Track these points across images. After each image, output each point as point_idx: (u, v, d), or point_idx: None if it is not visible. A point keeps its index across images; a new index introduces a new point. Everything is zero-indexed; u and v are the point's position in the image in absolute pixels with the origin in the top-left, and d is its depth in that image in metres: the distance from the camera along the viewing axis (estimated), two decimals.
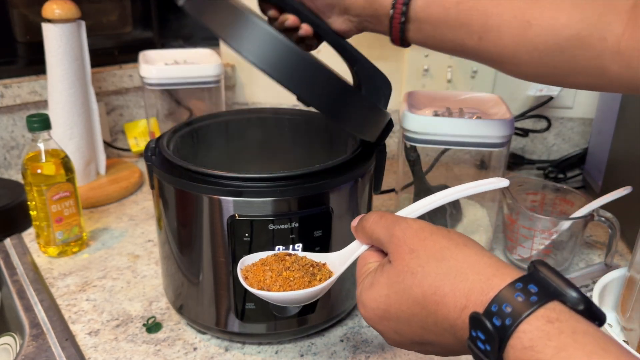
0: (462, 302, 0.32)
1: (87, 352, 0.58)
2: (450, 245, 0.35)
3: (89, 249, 0.78)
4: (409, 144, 0.68)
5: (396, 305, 0.36)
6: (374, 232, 0.40)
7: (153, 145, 0.60)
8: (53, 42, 0.85)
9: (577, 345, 0.27)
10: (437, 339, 0.35)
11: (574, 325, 0.28)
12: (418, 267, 0.35)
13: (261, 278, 0.42)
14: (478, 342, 0.30)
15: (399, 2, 0.50)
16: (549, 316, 0.28)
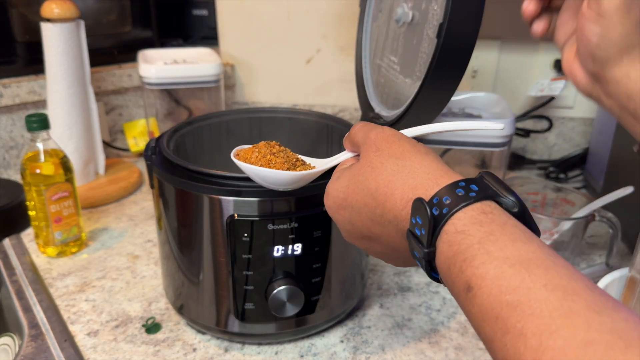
0: (408, 195, 0.35)
1: (86, 353, 0.58)
2: (412, 150, 0.38)
3: (88, 249, 0.78)
4: None
5: (352, 195, 0.39)
6: (355, 136, 0.43)
7: (153, 144, 0.60)
8: (52, 41, 0.85)
9: (504, 232, 0.29)
10: (382, 231, 0.38)
11: (505, 219, 0.30)
12: (378, 162, 0.38)
13: (248, 156, 0.46)
14: (415, 229, 0.33)
15: None
16: (483, 209, 0.31)
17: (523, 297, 0.26)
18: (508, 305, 0.27)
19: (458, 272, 0.30)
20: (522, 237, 0.29)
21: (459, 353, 0.58)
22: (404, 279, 0.71)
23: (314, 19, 1.09)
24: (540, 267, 0.27)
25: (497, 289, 0.27)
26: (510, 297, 0.27)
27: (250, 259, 0.53)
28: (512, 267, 0.28)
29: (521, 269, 0.27)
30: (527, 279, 0.27)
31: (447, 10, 0.49)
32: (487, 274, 0.28)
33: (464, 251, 0.30)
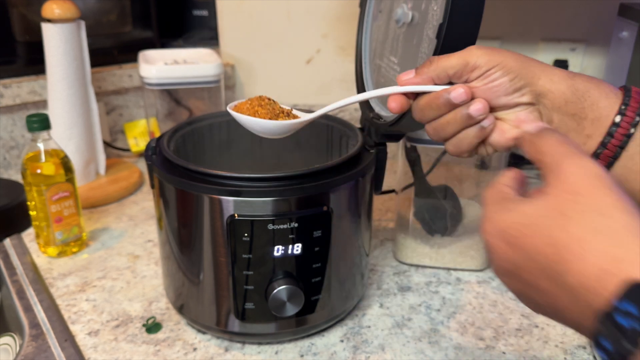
0: (607, 266, 0.28)
1: (87, 353, 0.58)
2: (619, 205, 0.30)
3: (89, 249, 0.78)
4: (409, 144, 0.68)
5: (528, 237, 0.32)
6: (542, 149, 0.37)
7: (153, 144, 0.60)
8: (53, 41, 0.85)
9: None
10: (553, 290, 0.31)
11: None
12: (572, 211, 0.31)
13: (241, 109, 0.52)
14: (619, 317, 0.26)
15: (631, 109, 0.35)
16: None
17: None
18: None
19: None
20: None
21: (458, 353, 0.58)
22: (404, 279, 0.71)
23: (314, 19, 1.09)
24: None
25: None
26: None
27: (251, 258, 0.53)
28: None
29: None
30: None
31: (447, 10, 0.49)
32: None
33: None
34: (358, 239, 0.60)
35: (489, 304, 0.66)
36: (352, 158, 0.57)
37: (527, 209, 0.33)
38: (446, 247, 0.73)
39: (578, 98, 0.40)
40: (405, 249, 0.74)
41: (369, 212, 0.61)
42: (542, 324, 0.63)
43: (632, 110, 0.37)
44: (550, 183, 0.34)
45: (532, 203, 0.33)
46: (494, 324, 0.63)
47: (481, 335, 0.61)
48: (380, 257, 0.76)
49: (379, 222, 0.87)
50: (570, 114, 0.41)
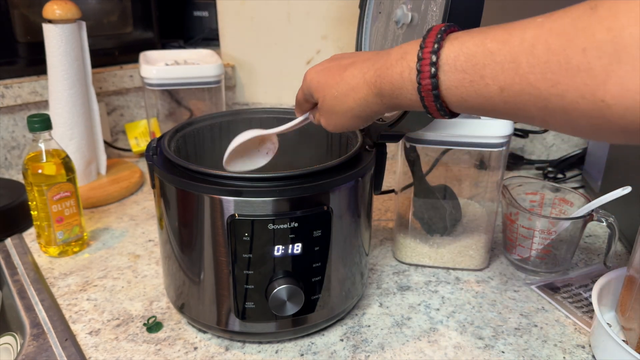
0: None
1: (88, 352, 0.58)
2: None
3: (90, 249, 0.78)
4: (409, 144, 0.69)
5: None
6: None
7: (154, 144, 0.61)
8: (54, 42, 0.86)
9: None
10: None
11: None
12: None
13: None
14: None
15: (428, 101, 0.40)
16: None
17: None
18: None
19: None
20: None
21: (457, 352, 0.58)
22: (403, 278, 0.72)
23: (314, 20, 1.09)
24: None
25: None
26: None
27: (251, 258, 0.53)
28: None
29: None
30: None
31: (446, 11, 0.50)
32: None
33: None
34: (358, 238, 0.60)
35: (488, 303, 0.67)
36: (351, 158, 0.57)
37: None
38: (445, 246, 0.73)
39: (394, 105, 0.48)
40: (404, 248, 0.74)
41: (368, 211, 0.62)
42: (542, 323, 0.63)
43: (427, 51, 0.40)
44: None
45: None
46: (493, 323, 0.63)
47: (480, 334, 0.61)
48: (380, 257, 0.77)
49: (379, 222, 0.87)
50: None
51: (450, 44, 0.38)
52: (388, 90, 0.43)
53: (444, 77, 0.38)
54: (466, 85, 0.37)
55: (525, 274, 0.73)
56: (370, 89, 0.45)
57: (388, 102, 0.44)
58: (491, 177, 0.70)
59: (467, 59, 0.37)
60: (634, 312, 0.56)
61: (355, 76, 0.46)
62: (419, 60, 0.39)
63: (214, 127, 0.71)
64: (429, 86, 0.39)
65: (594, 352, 0.57)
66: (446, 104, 0.40)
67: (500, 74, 0.35)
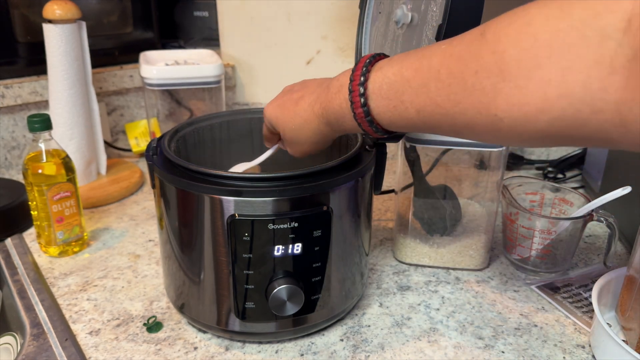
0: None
1: (88, 352, 0.58)
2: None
3: (90, 249, 0.78)
4: (409, 144, 0.69)
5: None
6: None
7: (154, 144, 0.61)
8: (54, 42, 0.86)
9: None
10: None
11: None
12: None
13: None
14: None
15: (364, 126, 0.46)
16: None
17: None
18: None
19: None
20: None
21: (457, 352, 0.58)
22: (403, 278, 0.72)
23: (314, 20, 1.09)
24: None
25: None
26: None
27: (251, 258, 0.53)
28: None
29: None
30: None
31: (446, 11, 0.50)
32: None
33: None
34: (358, 238, 0.60)
35: (488, 303, 0.67)
36: (351, 158, 0.57)
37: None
38: (445, 246, 0.73)
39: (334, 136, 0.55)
40: (404, 248, 0.74)
41: (368, 211, 0.62)
42: (542, 323, 0.63)
43: (356, 75, 0.46)
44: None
45: None
46: (493, 323, 0.63)
47: (480, 334, 0.61)
48: (380, 257, 0.77)
49: (379, 221, 0.87)
50: None
51: (375, 75, 0.44)
52: (334, 120, 0.49)
53: (373, 104, 0.44)
54: (391, 109, 0.43)
55: (525, 274, 0.73)
56: (320, 120, 0.51)
57: (337, 129, 0.50)
58: (491, 177, 0.70)
59: (388, 87, 0.43)
60: (634, 312, 0.56)
61: (305, 110, 0.52)
62: (350, 93, 0.45)
63: (214, 127, 0.71)
64: (362, 114, 0.45)
65: (594, 352, 0.58)
66: (381, 126, 0.46)
67: (415, 98, 0.41)
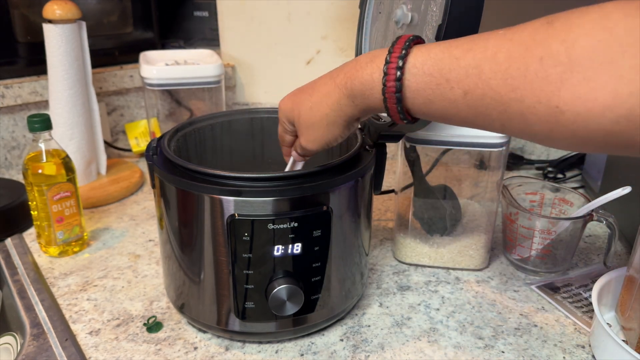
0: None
1: (88, 352, 0.58)
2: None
3: (90, 249, 0.78)
4: (409, 144, 0.69)
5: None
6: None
7: (154, 144, 0.61)
8: (54, 42, 0.86)
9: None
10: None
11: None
12: None
13: None
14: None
15: (390, 102, 0.43)
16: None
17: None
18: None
19: None
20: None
21: (457, 352, 0.58)
22: (403, 278, 0.72)
23: (314, 20, 1.09)
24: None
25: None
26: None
27: (251, 258, 0.53)
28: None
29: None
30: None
31: (446, 11, 0.50)
32: None
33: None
34: (358, 238, 0.60)
35: (487, 303, 0.67)
36: (351, 158, 0.57)
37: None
38: (445, 246, 0.73)
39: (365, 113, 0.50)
40: (404, 248, 0.74)
41: (368, 211, 0.62)
42: (541, 323, 0.63)
43: (394, 56, 0.43)
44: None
45: None
46: (493, 323, 0.63)
47: (480, 334, 0.61)
48: (380, 257, 0.77)
49: (379, 221, 0.87)
50: None
51: (418, 50, 0.41)
52: (359, 91, 0.45)
53: (412, 80, 0.41)
54: (433, 87, 0.40)
55: (525, 274, 0.73)
56: (342, 91, 0.47)
57: (360, 104, 0.46)
58: (491, 177, 0.70)
59: (434, 63, 0.40)
60: (634, 312, 0.56)
61: (326, 83, 0.49)
62: (386, 64, 0.42)
63: (215, 127, 0.71)
64: (393, 89, 0.42)
65: (594, 352, 0.58)
66: (408, 107, 0.43)
67: (464, 78, 0.38)
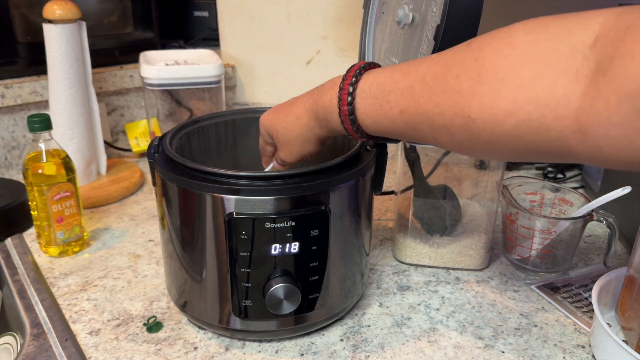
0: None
1: (88, 352, 0.58)
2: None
3: (90, 249, 0.78)
4: (409, 144, 0.69)
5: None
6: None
7: (156, 143, 0.61)
8: (54, 42, 0.86)
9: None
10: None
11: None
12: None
13: None
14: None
15: (346, 124, 0.49)
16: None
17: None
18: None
19: None
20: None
21: (457, 352, 0.58)
22: (403, 278, 0.72)
23: (314, 20, 1.09)
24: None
25: None
26: None
27: (249, 256, 0.53)
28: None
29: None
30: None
31: (445, 12, 0.50)
32: None
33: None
34: (358, 238, 0.60)
35: (487, 303, 0.67)
36: (352, 158, 0.57)
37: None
38: (445, 246, 0.73)
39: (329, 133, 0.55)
40: (404, 248, 0.74)
41: (369, 211, 0.62)
42: (541, 323, 0.63)
43: (346, 83, 0.48)
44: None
45: None
46: (493, 323, 0.63)
47: (480, 334, 0.61)
48: (380, 257, 0.77)
49: (379, 221, 0.87)
50: None
51: (367, 76, 0.47)
52: (322, 115, 0.51)
53: (361, 103, 0.47)
54: (377, 108, 0.46)
55: (525, 274, 0.73)
56: (310, 115, 0.53)
57: (325, 126, 0.52)
58: (491, 177, 0.70)
59: (378, 87, 0.46)
60: (634, 312, 0.56)
61: (298, 107, 0.54)
62: (340, 90, 0.48)
63: (217, 126, 0.71)
64: (347, 112, 0.48)
65: (594, 352, 0.57)
66: (362, 127, 0.48)
67: (400, 98, 0.43)
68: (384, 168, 0.63)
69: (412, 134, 0.45)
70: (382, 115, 0.46)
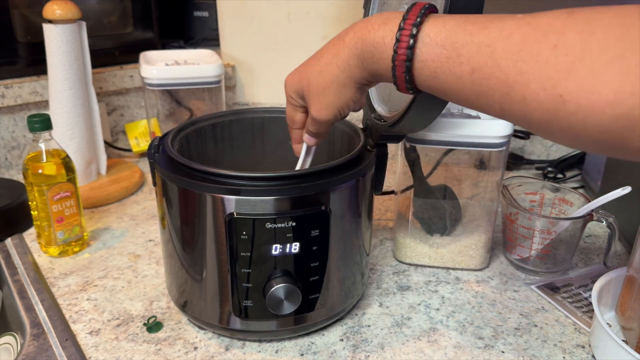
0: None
1: (88, 352, 0.58)
2: None
3: (90, 249, 0.78)
4: (409, 144, 0.69)
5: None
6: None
7: (156, 143, 0.61)
8: (54, 42, 0.86)
9: None
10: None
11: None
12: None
13: None
14: None
15: (399, 71, 0.42)
16: None
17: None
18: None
19: None
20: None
21: (457, 352, 0.58)
22: (403, 278, 0.72)
23: (314, 20, 1.09)
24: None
25: None
26: None
27: (249, 257, 0.53)
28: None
29: None
30: None
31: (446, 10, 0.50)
32: None
33: None
34: (358, 238, 0.60)
35: (487, 303, 0.67)
36: (352, 158, 0.57)
37: None
38: (445, 246, 0.73)
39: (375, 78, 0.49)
40: (404, 248, 0.74)
41: (369, 212, 0.62)
42: (541, 323, 0.63)
43: (409, 23, 0.41)
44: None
45: None
46: (492, 323, 0.63)
47: (480, 334, 0.61)
48: (380, 257, 0.77)
49: (379, 221, 0.87)
50: None
51: (434, 20, 0.40)
52: (369, 53, 0.44)
53: (424, 49, 0.40)
54: (442, 60, 0.39)
55: (525, 274, 0.73)
56: (351, 50, 0.46)
57: (368, 67, 0.45)
58: (491, 177, 0.71)
59: (448, 35, 0.39)
60: (634, 312, 0.57)
61: (334, 43, 0.48)
62: (399, 30, 0.41)
63: (218, 126, 0.71)
64: (404, 57, 0.41)
65: (594, 352, 0.58)
66: (415, 78, 0.42)
67: (475, 55, 0.37)
68: (384, 168, 0.63)
69: (475, 99, 0.39)
70: (446, 70, 0.39)
